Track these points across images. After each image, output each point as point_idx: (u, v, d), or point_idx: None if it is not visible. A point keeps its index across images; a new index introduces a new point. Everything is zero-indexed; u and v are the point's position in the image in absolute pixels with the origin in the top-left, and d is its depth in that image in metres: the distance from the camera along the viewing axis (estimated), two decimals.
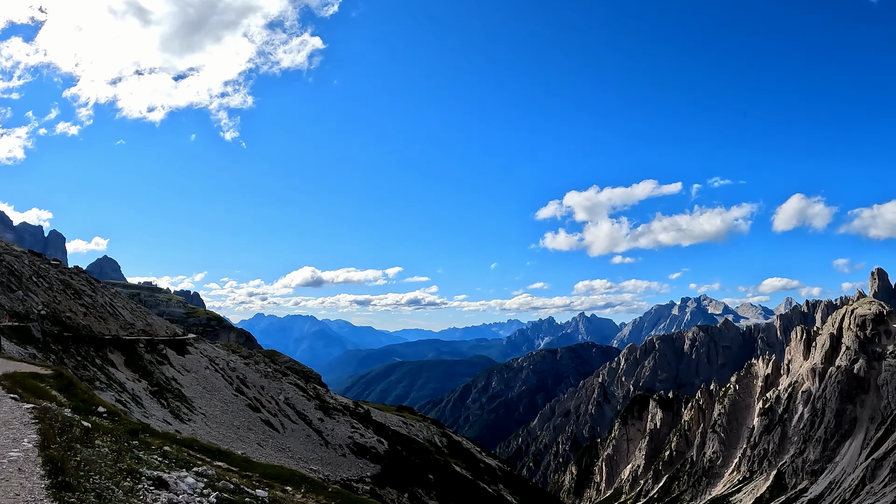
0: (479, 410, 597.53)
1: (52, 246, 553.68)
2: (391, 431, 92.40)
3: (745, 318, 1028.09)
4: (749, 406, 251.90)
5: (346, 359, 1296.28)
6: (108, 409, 27.97)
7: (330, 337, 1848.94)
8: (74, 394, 28.82)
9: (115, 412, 28.29)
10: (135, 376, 63.41)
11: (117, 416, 27.39)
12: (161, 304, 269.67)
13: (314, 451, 73.13)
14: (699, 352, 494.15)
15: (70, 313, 66.42)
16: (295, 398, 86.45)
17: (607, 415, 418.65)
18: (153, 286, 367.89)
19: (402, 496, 68.46)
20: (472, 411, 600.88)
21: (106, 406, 28.88)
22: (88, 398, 29.08)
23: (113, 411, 28.11)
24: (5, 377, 27.04)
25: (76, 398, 27.44)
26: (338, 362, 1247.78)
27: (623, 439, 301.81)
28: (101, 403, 29.11)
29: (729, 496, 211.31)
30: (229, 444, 59.18)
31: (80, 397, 28.32)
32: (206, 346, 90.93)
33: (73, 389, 29.83)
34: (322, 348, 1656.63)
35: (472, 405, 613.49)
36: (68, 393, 28.48)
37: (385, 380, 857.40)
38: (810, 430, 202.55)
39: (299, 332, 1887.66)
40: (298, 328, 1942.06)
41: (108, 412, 27.14)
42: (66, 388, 29.53)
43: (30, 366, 35.94)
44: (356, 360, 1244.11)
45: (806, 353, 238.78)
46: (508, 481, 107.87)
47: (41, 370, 34.23)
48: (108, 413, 26.94)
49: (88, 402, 27.66)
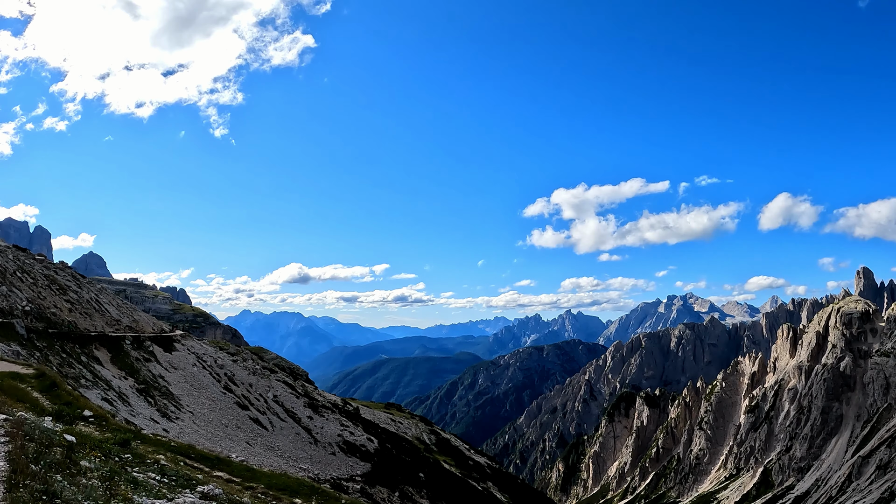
0: (465, 407, 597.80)
1: (38, 242, 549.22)
2: (381, 429, 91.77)
3: (731, 315, 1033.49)
4: (736, 403, 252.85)
5: (333, 356, 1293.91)
6: (95, 413, 26.05)
7: (316, 334, 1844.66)
8: (58, 395, 26.90)
9: (103, 415, 26.45)
10: (121, 374, 62.45)
11: (105, 420, 25.50)
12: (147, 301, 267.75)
13: (303, 449, 72.35)
14: (685, 349, 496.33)
15: (55, 309, 65.54)
16: (283, 396, 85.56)
17: (594, 412, 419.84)
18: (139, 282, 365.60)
19: (393, 495, 67.92)
20: (459, 408, 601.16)
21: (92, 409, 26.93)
22: (73, 400, 27.12)
23: (100, 414, 26.30)
24: None
25: (59, 400, 25.78)
26: (324, 359, 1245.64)
27: (610, 436, 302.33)
28: (87, 406, 27.33)
29: (716, 493, 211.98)
30: (218, 442, 59.14)
31: (64, 399, 26.50)
32: (194, 343, 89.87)
33: (55, 391, 27.85)
34: (308, 345, 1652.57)
35: (459, 402, 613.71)
36: (51, 394, 26.72)
37: (372, 377, 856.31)
38: (797, 427, 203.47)
39: (286, 329, 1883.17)
40: (285, 325, 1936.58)
41: (95, 416, 25.29)
42: (49, 388, 27.75)
43: (10, 364, 34.37)
44: (343, 356, 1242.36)
45: (792, 350, 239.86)
46: (497, 479, 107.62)
47: (22, 369, 32.33)
48: (94, 417, 25.00)
49: (73, 404, 25.79)
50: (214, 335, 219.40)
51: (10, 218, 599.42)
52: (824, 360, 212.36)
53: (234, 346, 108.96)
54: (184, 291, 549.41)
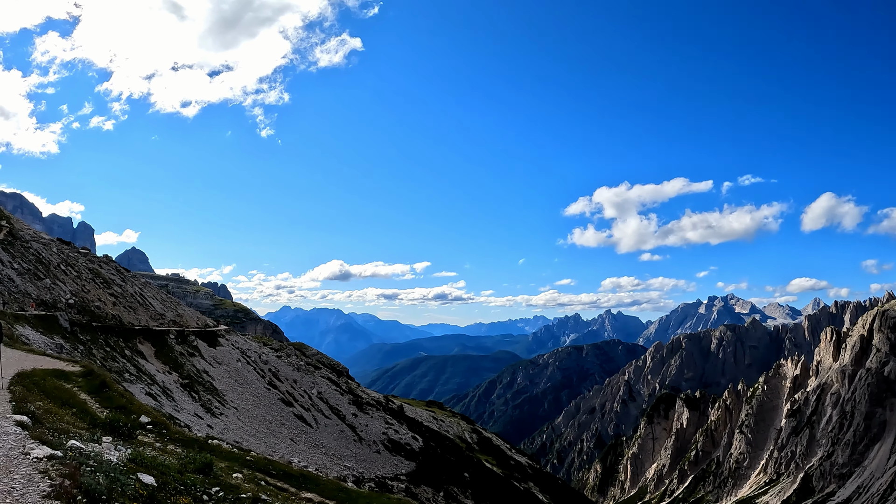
0: (503, 406, 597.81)
1: (81, 237, 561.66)
2: (424, 427, 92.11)
3: (773, 318, 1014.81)
4: (777, 407, 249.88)
5: (372, 352, 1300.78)
6: (153, 419, 23.88)
7: (355, 330, 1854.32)
8: (109, 398, 24.03)
9: (161, 422, 24.20)
10: (165, 368, 62.51)
11: (164, 427, 23.22)
12: (188, 296, 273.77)
13: (348, 447, 72.11)
14: (726, 351, 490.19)
15: (99, 303, 65.44)
16: (328, 392, 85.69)
17: (632, 413, 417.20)
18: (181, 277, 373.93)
19: (438, 495, 68.14)
20: (497, 406, 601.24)
21: (148, 412, 24.72)
22: (126, 403, 24.44)
23: (159, 421, 24.05)
24: (22, 377, 22.08)
25: (111, 403, 23.20)
26: (363, 355, 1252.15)
27: (649, 438, 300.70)
28: (142, 409, 25.23)
29: (755, 498, 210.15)
30: (263, 439, 59.17)
31: (116, 402, 23.76)
32: (238, 338, 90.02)
33: (106, 392, 24.98)
34: (347, 341, 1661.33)
35: (497, 400, 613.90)
36: (101, 396, 23.97)
37: (410, 374, 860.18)
38: (839, 432, 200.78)
39: (325, 325, 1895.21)
40: (324, 321, 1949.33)
41: (153, 422, 23.22)
42: (99, 389, 24.87)
43: (54, 360, 31.95)
44: (381, 353, 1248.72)
45: (835, 354, 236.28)
46: (538, 479, 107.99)
47: (67, 366, 29.49)
48: (152, 424, 22.92)
49: (127, 408, 23.41)
50: (255, 330, 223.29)
51: (55, 214, 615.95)
52: (868, 365, 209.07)
53: (278, 342, 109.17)
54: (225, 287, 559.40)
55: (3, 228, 67.82)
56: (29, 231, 76.13)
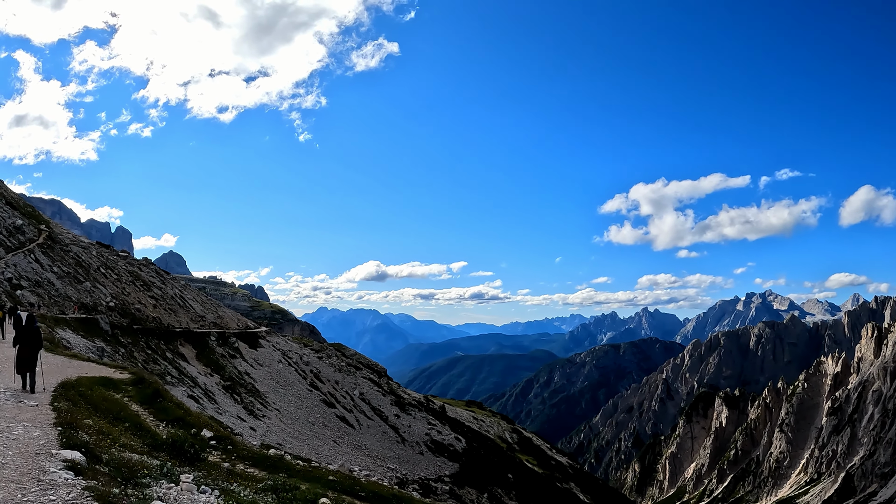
0: (540, 405, 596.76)
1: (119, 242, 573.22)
2: (466, 428, 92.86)
3: (812, 314, 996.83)
4: (817, 405, 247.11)
5: (408, 352, 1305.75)
6: (216, 433, 21.89)
7: (392, 330, 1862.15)
8: (164, 409, 21.97)
9: (226, 436, 22.38)
10: (206, 370, 63.06)
11: (230, 442, 21.37)
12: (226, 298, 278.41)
13: (391, 448, 72.31)
14: (765, 348, 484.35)
15: (139, 305, 66.35)
16: (370, 393, 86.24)
17: (670, 412, 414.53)
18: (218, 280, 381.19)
19: (482, 496, 68.84)
20: (534, 406, 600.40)
21: (209, 425, 22.87)
22: (184, 414, 22.48)
23: (223, 435, 22.10)
24: (67, 388, 19.81)
25: (167, 415, 21.13)
26: (399, 356, 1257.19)
27: (687, 437, 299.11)
28: (203, 422, 23.13)
29: (795, 498, 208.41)
30: (305, 441, 59.78)
31: (173, 413, 21.66)
32: (279, 340, 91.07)
33: (160, 402, 22.81)
34: (384, 342, 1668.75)
35: (534, 400, 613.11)
36: (154, 407, 21.88)
37: (447, 373, 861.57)
38: (881, 431, 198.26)
39: (361, 326, 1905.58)
40: (361, 322, 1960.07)
41: (217, 437, 21.21)
42: (151, 399, 22.78)
43: (99, 367, 30.01)
44: (418, 353, 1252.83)
45: (877, 350, 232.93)
46: (579, 479, 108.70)
47: (115, 373, 27.40)
48: (216, 439, 20.88)
49: (185, 420, 21.58)
50: (292, 332, 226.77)
51: (93, 219, 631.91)
52: None
53: (318, 343, 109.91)
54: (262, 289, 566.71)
55: (43, 233, 68.74)
56: (68, 235, 77.23)
